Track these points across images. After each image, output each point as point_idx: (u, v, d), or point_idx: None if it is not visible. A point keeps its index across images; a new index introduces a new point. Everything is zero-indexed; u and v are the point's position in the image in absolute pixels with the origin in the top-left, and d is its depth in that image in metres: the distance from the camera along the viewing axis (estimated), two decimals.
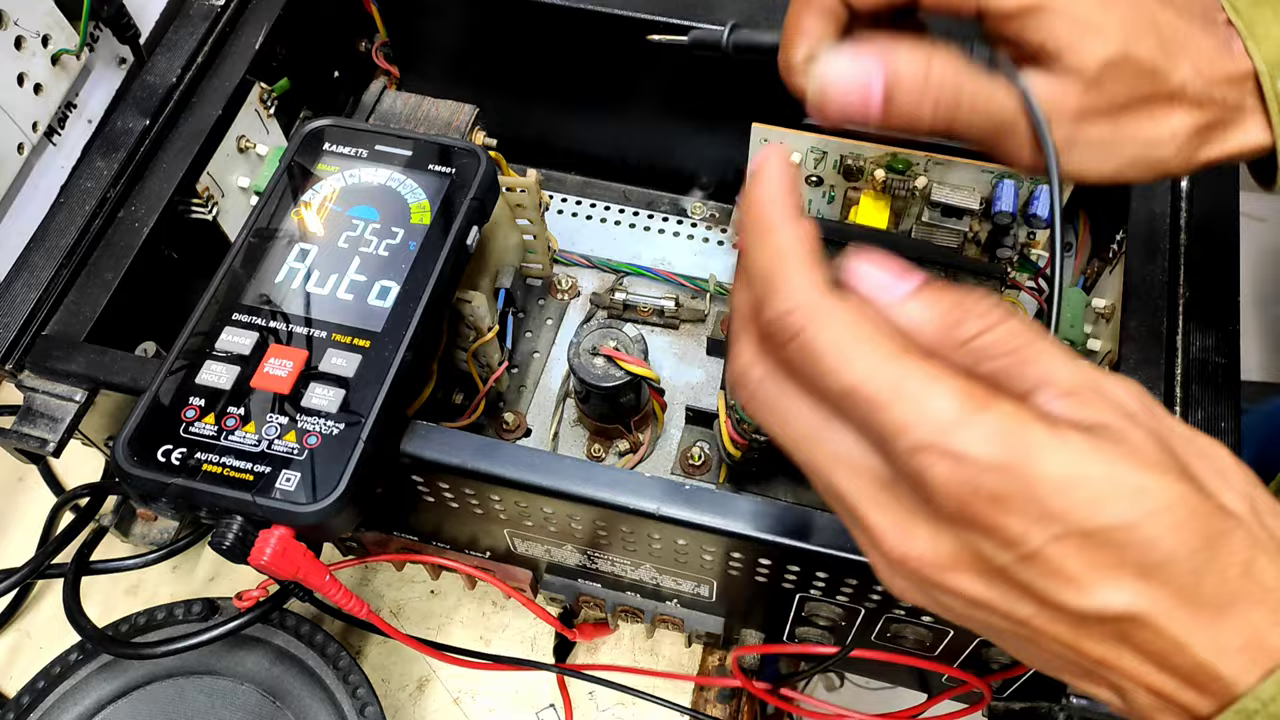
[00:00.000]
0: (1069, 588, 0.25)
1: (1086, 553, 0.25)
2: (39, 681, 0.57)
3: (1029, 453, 0.25)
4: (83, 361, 0.49)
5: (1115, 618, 0.26)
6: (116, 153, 0.55)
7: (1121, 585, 0.25)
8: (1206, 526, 0.25)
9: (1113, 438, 0.26)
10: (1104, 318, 0.56)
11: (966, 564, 0.26)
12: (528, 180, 0.60)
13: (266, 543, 0.41)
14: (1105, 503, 0.25)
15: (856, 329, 0.26)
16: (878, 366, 0.26)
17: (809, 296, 0.27)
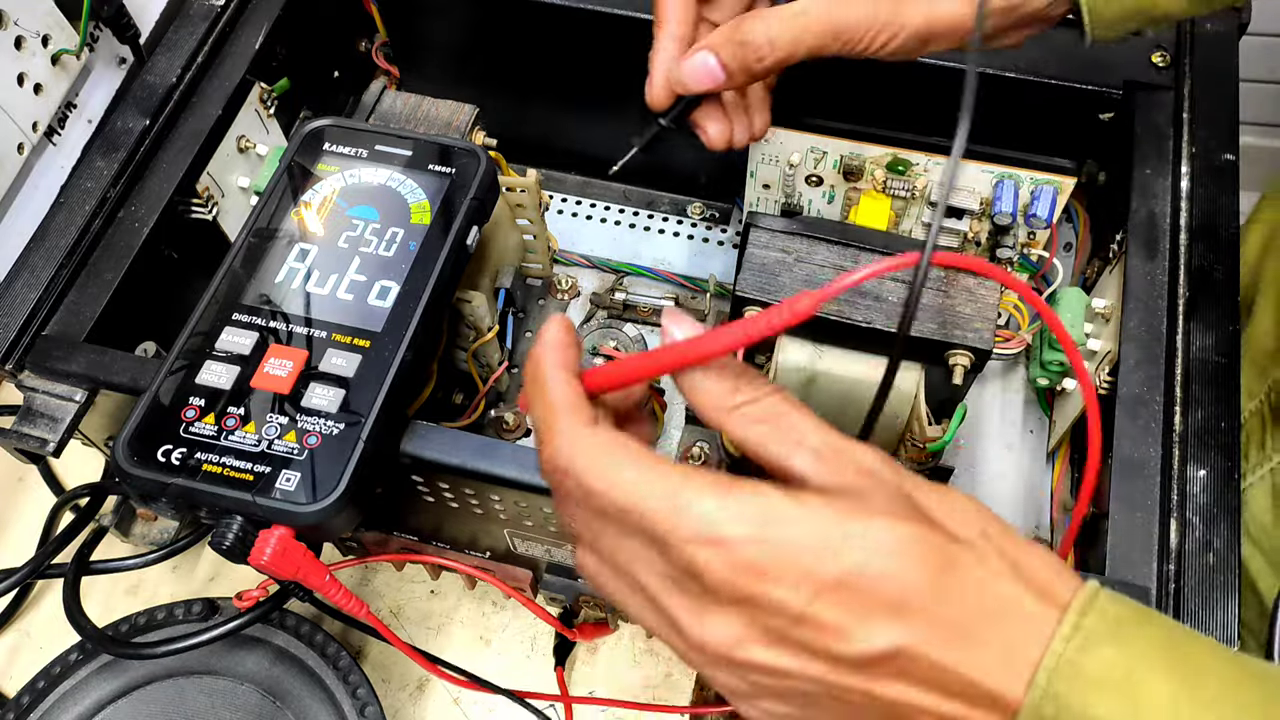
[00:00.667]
0: (839, 639, 0.28)
1: (842, 603, 0.28)
2: (39, 681, 0.57)
3: (776, 523, 0.28)
4: (83, 361, 0.49)
5: (885, 656, 0.28)
6: (116, 153, 0.55)
7: (878, 625, 0.28)
8: (939, 556, 0.29)
9: (850, 495, 0.30)
10: (1104, 318, 0.56)
11: (755, 637, 0.29)
12: (528, 180, 0.60)
13: (266, 543, 0.41)
14: (844, 552, 0.28)
15: (610, 453, 0.30)
16: (633, 482, 0.30)
17: (570, 434, 0.31)
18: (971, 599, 0.29)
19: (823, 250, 0.52)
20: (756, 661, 0.30)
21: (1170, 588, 0.44)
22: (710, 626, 0.30)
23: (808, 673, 0.29)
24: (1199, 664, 0.28)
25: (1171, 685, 0.27)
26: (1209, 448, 0.47)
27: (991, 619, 0.29)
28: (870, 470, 0.31)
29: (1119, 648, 0.28)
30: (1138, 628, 0.29)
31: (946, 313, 0.50)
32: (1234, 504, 0.46)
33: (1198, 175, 0.55)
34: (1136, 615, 0.29)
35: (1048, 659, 0.28)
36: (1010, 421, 0.64)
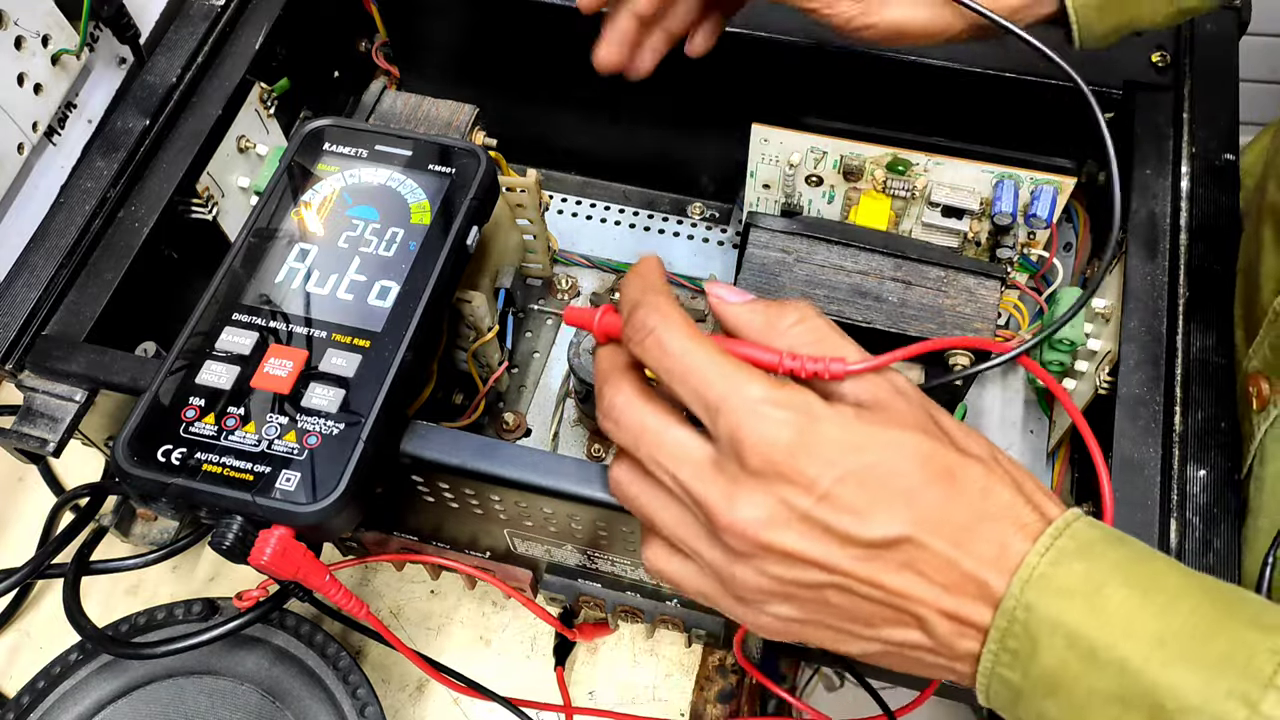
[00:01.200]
0: (856, 520, 0.32)
1: (862, 488, 0.32)
2: (39, 681, 0.57)
3: (814, 418, 0.33)
4: (83, 361, 0.49)
5: (895, 540, 0.32)
6: (116, 153, 0.55)
7: (892, 511, 0.32)
8: (949, 463, 0.33)
9: (879, 407, 0.34)
10: (1104, 318, 0.56)
11: (781, 518, 0.32)
12: (528, 180, 0.60)
13: (266, 543, 0.41)
14: (867, 449, 0.32)
15: (691, 330, 0.35)
16: (707, 357, 0.34)
17: (662, 304, 0.35)
18: (976, 502, 0.32)
19: (823, 250, 0.52)
20: (778, 545, 0.32)
21: None
22: (741, 506, 0.33)
23: (822, 556, 0.32)
24: (1157, 578, 0.31)
25: (1131, 595, 0.31)
26: (1209, 448, 0.47)
27: (992, 520, 0.32)
28: (901, 390, 0.35)
29: (1087, 563, 0.31)
30: (1107, 547, 0.32)
31: (946, 313, 0.50)
32: (1234, 504, 0.46)
33: (1198, 175, 0.55)
34: (1108, 537, 0.33)
35: (1022, 571, 0.31)
36: (1010, 421, 0.64)
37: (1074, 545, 0.32)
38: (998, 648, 0.32)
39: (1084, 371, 0.58)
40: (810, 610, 0.34)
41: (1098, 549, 0.32)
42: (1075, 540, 0.32)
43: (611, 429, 0.36)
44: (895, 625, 0.33)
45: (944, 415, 0.35)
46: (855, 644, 0.34)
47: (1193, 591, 0.31)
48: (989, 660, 0.32)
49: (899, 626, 0.33)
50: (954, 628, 0.32)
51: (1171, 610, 0.30)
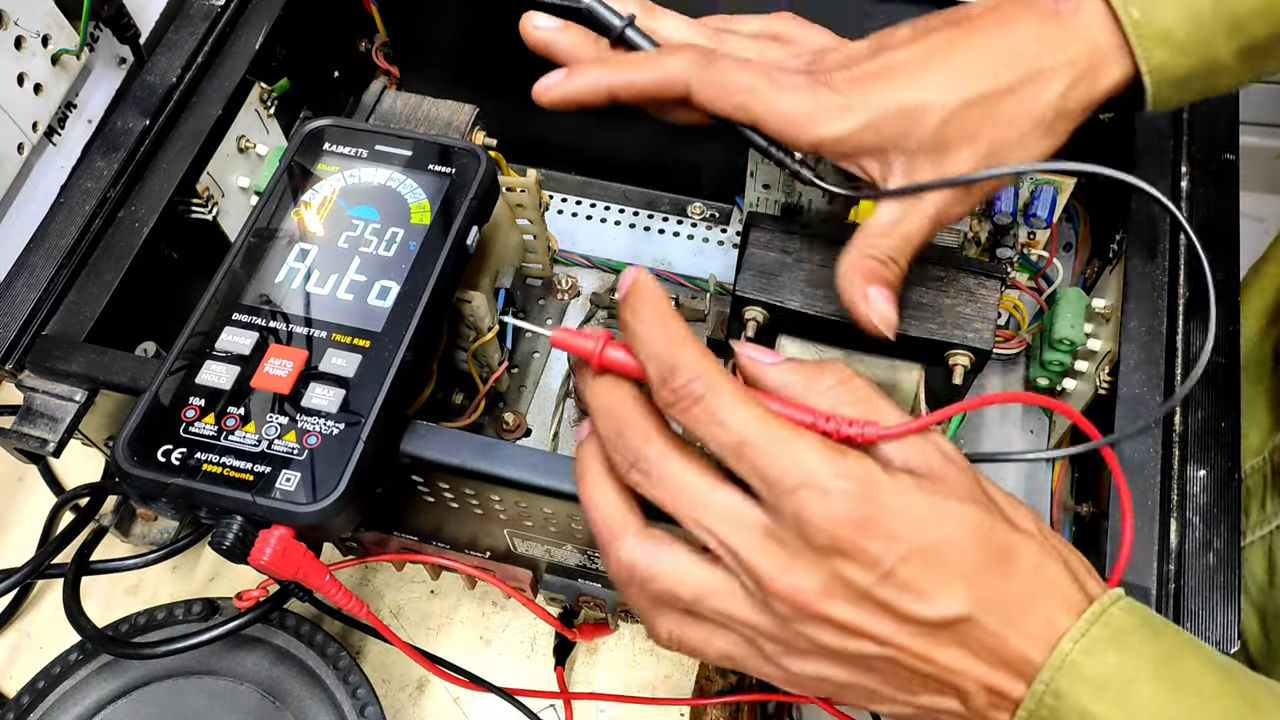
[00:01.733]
0: (918, 599, 0.31)
1: (926, 568, 0.31)
2: (39, 681, 0.57)
3: (877, 489, 0.32)
4: (83, 361, 0.49)
5: (954, 620, 0.31)
6: (116, 153, 0.55)
7: (955, 590, 0.31)
8: (1006, 541, 0.32)
9: (935, 476, 0.33)
10: (1104, 318, 0.56)
11: (838, 591, 0.32)
12: (528, 180, 0.60)
13: (266, 543, 0.41)
14: (932, 524, 0.32)
15: (744, 396, 0.33)
16: (760, 427, 0.32)
17: (708, 368, 0.33)
18: (1029, 579, 0.32)
19: (823, 250, 0.52)
20: (834, 615, 0.32)
21: (1170, 588, 0.44)
22: (797, 575, 0.32)
23: (878, 631, 0.32)
24: (1191, 678, 0.31)
25: (1160, 691, 0.31)
26: (1209, 448, 0.47)
27: (1043, 597, 0.32)
28: (950, 456, 0.34)
29: (1121, 655, 0.31)
30: (1143, 639, 0.32)
31: (946, 313, 0.50)
32: (1234, 504, 0.46)
33: (1198, 175, 0.55)
34: (1144, 626, 0.32)
35: (1054, 656, 0.31)
36: (1010, 421, 0.64)
37: (1108, 633, 0.31)
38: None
39: (1084, 371, 0.58)
40: (852, 674, 0.34)
41: (1132, 640, 0.32)
42: (1110, 628, 0.32)
43: (641, 481, 0.34)
44: (936, 694, 0.33)
45: (989, 482, 0.35)
46: (888, 706, 0.34)
47: (1227, 695, 0.31)
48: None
49: (939, 695, 0.33)
50: (991, 700, 0.32)
51: (1202, 713, 0.30)
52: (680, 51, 0.42)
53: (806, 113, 0.40)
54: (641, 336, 0.34)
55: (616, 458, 0.35)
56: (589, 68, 0.44)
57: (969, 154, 0.40)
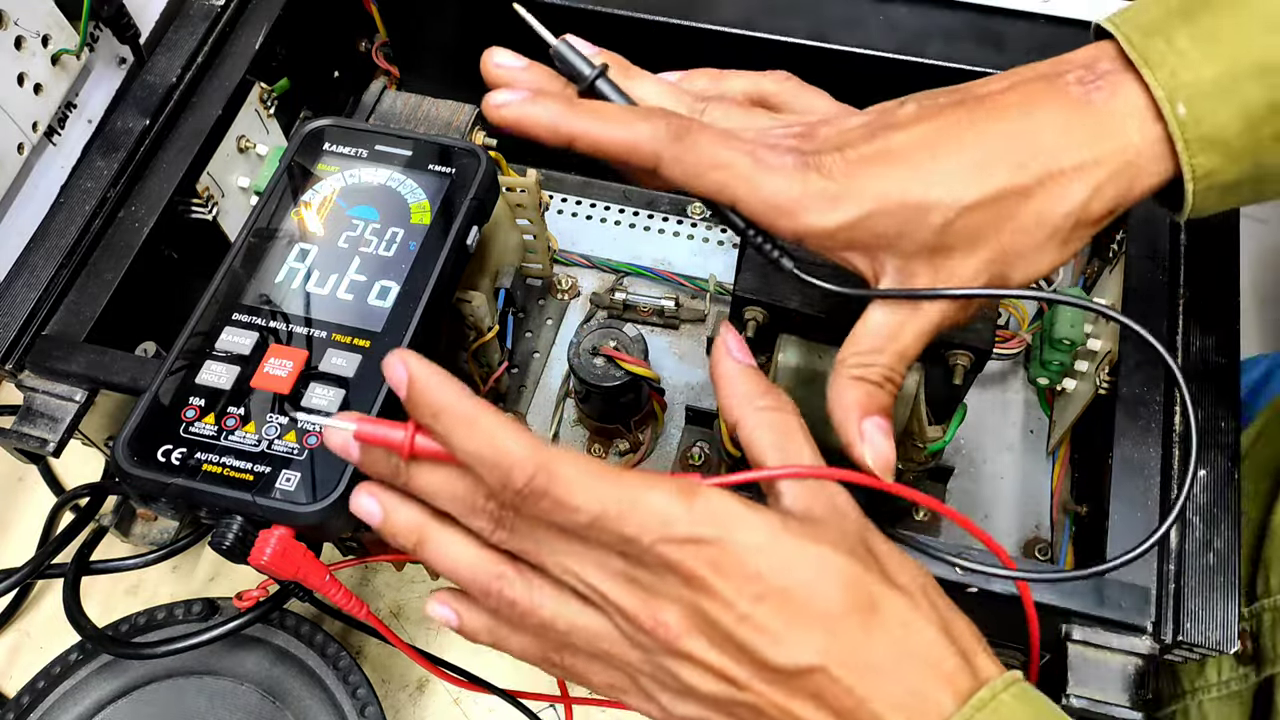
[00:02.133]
0: (772, 643, 0.30)
1: (782, 611, 0.31)
2: (39, 681, 0.57)
3: (735, 529, 0.31)
4: (83, 361, 0.49)
5: (807, 670, 0.30)
6: (116, 153, 0.55)
7: (808, 638, 0.30)
8: (872, 592, 0.31)
9: (810, 520, 0.33)
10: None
11: (699, 628, 0.31)
12: (528, 180, 0.60)
13: (266, 543, 0.41)
14: (792, 567, 0.31)
15: (584, 467, 0.31)
16: (607, 494, 0.31)
17: (538, 455, 0.31)
18: (896, 639, 0.31)
19: None
20: (695, 653, 0.31)
21: (1170, 588, 0.44)
22: (660, 610, 0.32)
23: (736, 675, 0.31)
24: None
25: None
26: (1209, 448, 0.47)
27: (910, 661, 0.31)
28: (839, 509, 0.34)
29: None
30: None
31: None
32: (1234, 504, 0.46)
33: None
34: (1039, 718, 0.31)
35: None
36: (1010, 421, 0.64)
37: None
38: None
39: (1084, 371, 0.58)
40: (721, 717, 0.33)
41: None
42: (998, 716, 0.30)
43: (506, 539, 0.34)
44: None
45: (879, 539, 0.34)
46: None
47: None
48: None
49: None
50: None
51: None
52: (653, 117, 0.37)
53: (792, 198, 0.35)
54: (455, 445, 0.32)
55: (477, 524, 0.34)
56: (554, 102, 0.38)
57: (973, 262, 0.35)
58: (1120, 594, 0.43)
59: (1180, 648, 0.43)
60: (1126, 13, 0.36)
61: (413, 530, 0.35)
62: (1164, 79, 0.34)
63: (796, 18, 0.61)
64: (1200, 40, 0.34)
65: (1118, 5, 0.38)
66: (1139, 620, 0.43)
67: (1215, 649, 0.43)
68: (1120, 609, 0.43)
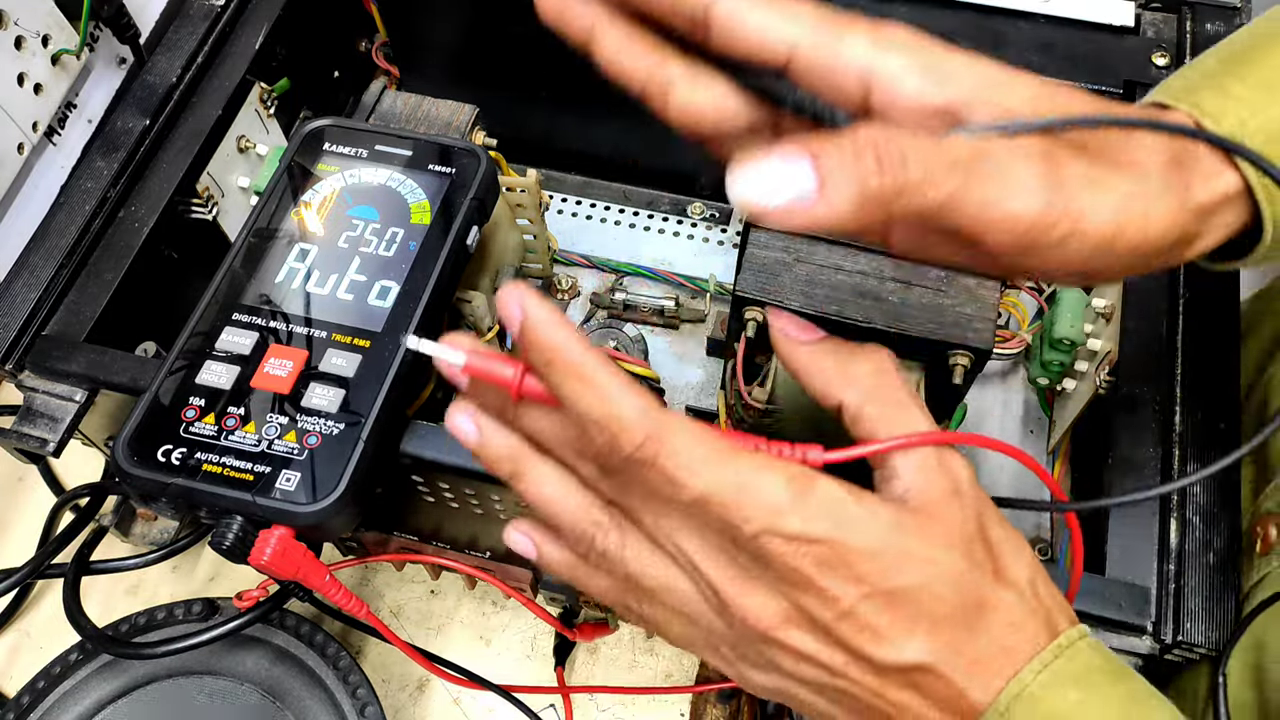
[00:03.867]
0: (875, 641, 0.30)
1: (888, 610, 0.30)
2: (39, 681, 0.57)
3: (845, 528, 0.30)
4: (83, 361, 0.49)
5: (912, 667, 0.30)
6: (116, 153, 0.55)
7: (915, 638, 0.30)
8: (984, 593, 0.31)
9: (925, 512, 0.31)
10: (1104, 318, 0.56)
11: (797, 621, 0.31)
12: (528, 180, 0.60)
13: (266, 543, 0.41)
14: (904, 569, 0.30)
15: (697, 438, 0.30)
16: (718, 474, 0.30)
17: (653, 420, 0.29)
18: (1001, 635, 0.31)
19: (823, 250, 0.52)
20: (790, 644, 0.31)
21: (1170, 588, 0.44)
22: (756, 598, 0.31)
23: (832, 663, 0.31)
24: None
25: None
26: (1209, 447, 0.47)
27: (1011, 655, 0.31)
28: (958, 490, 0.32)
29: (1084, 692, 0.30)
30: (1106, 679, 0.31)
31: (946, 312, 0.50)
32: (1234, 504, 0.46)
33: None
34: (1108, 668, 0.31)
35: (1013, 685, 0.30)
36: (1010, 421, 0.64)
37: (1072, 669, 0.30)
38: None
39: (1084, 371, 0.58)
40: (805, 694, 0.33)
41: (1096, 679, 0.31)
42: (1075, 663, 0.30)
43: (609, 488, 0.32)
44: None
45: (995, 524, 0.32)
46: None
47: None
48: None
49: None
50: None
51: None
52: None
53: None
54: (568, 400, 0.30)
55: (584, 469, 0.33)
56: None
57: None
58: (1120, 594, 0.43)
59: (1180, 648, 0.43)
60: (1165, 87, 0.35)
61: (510, 459, 0.34)
62: (1231, 127, 0.33)
63: None
64: (1256, 87, 0.34)
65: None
66: (1139, 620, 0.43)
67: (1215, 649, 0.43)
68: (1120, 609, 0.43)
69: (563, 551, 0.35)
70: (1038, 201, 0.29)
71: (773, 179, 0.28)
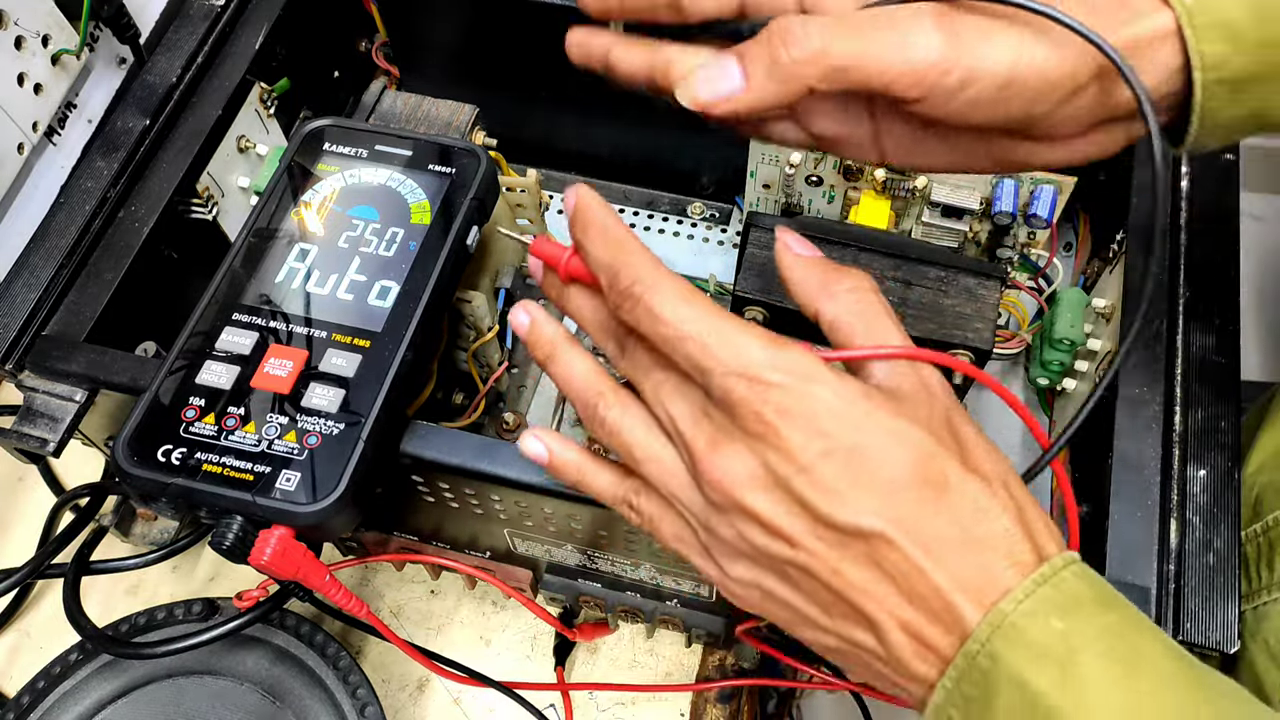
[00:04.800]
0: (831, 499, 0.30)
1: (846, 469, 0.30)
2: (39, 681, 0.57)
3: (812, 382, 0.31)
4: (83, 361, 0.49)
5: (866, 533, 0.30)
6: (116, 153, 0.55)
7: (869, 500, 0.30)
8: (947, 471, 0.31)
9: (896, 395, 0.32)
10: (1104, 317, 0.56)
11: (760, 480, 0.31)
12: (528, 180, 0.60)
13: (266, 543, 0.41)
14: (863, 428, 0.30)
15: (683, 291, 0.33)
16: (699, 318, 0.32)
17: (648, 271, 0.33)
18: (965, 519, 0.30)
19: (823, 250, 0.52)
20: (751, 506, 0.31)
21: (1170, 588, 0.44)
22: (723, 458, 0.32)
23: (791, 532, 0.31)
24: (1144, 656, 0.29)
25: (1110, 669, 0.28)
26: (1209, 447, 0.47)
27: (979, 544, 0.30)
28: (929, 388, 0.33)
29: (1068, 622, 0.29)
30: (1095, 608, 0.29)
31: (946, 313, 0.50)
32: (1234, 504, 0.46)
33: (1198, 175, 0.55)
34: (1098, 597, 0.30)
35: (994, 614, 0.29)
36: (1010, 421, 0.64)
37: (1058, 598, 0.29)
38: (953, 686, 0.29)
39: (1084, 371, 0.58)
40: (772, 581, 0.33)
41: (1084, 608, 0.29)
42: (1060, 591, 0.29)
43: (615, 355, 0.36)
44: (849, 621, 0.31)
45: (967, 426, 0.33)
46: (811, 632, 0.33)
47: (1183, 681, 0.28)
48: (941, 695, 0.30)
49: (853, 624, 0.31)
50: (910, 644, 0.30)
51: (1154, 695, 0.28)
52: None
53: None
54: (589, 251, 0.35)
55: (607, 347, 0.37)
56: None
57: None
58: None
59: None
60: None
61: (549, 342, 0.38)
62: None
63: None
64: None
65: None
66: None
67: (1215, 649, 0.43)
68: None
69: (568, 450, 0.38)
70: (932, 52, 0.34)
71: (709, 78, 0.36)
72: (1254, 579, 0.48)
